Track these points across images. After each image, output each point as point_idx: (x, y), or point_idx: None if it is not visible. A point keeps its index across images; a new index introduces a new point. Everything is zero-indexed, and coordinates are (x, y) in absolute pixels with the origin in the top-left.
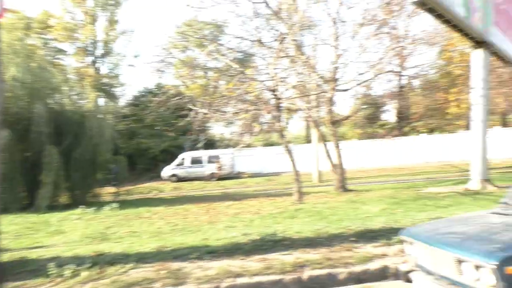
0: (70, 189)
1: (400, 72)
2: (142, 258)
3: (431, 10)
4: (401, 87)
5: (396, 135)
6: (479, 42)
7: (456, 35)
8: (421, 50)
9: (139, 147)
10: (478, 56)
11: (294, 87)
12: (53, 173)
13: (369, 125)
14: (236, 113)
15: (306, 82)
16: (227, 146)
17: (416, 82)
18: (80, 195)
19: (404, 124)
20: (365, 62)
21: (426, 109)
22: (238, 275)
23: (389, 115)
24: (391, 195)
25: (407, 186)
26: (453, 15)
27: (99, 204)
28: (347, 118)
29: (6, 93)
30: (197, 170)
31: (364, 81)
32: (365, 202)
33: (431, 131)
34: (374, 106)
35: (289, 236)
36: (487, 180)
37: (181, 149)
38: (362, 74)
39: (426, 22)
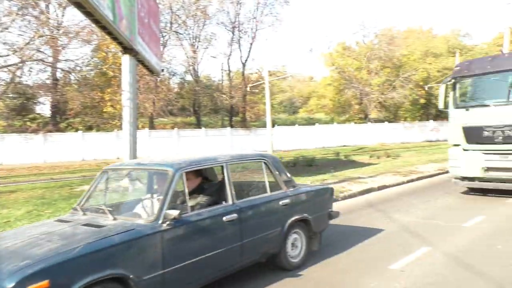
0: None
1: (54, 63)
2: None
3: (79, 6)
4: (56, 79)
5: (50, 131)
6: (127, 48)
7: (107, 37)
8: (75, 44)
9: None
10: (126, 61)
11: None
12: None
13: (17, 117)
14: None
15: None
16: None
17: (71, 77)
18: None
19: (60, 119)
20: (7, 43)
21: (83, 106)
22: None
23: (43, 108)
24: (41, 195)
25: (62, 184)
26: (101, 17)
27: None
28: None
29: None
30: None
31: (8, 66)
32: (7, 205)
33: (89, 128)
34: (23, 97)
35: None
36: None
37: None
38: (3, 56)
39: (82, 16)
